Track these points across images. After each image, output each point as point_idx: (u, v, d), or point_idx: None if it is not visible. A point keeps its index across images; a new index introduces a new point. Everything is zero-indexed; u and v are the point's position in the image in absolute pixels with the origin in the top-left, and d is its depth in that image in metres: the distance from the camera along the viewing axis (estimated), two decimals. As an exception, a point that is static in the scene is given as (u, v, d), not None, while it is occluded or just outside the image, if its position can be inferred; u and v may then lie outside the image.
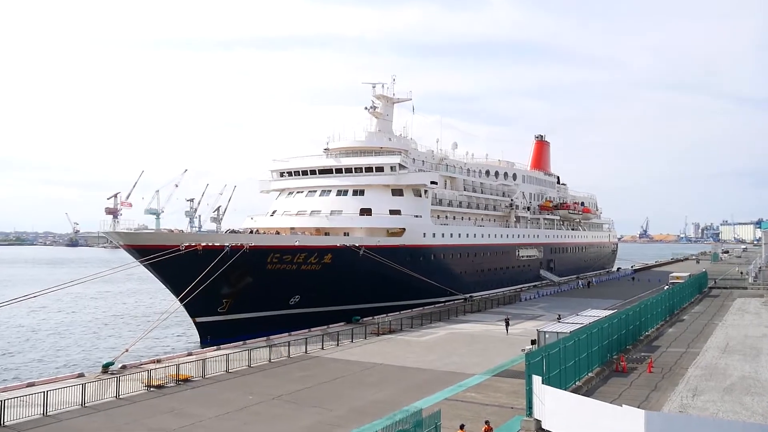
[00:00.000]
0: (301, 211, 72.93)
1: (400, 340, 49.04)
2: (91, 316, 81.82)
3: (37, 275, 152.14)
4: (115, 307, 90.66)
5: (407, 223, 70.83)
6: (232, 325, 56.49)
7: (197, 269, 50.51)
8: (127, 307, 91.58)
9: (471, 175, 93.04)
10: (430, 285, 69.30)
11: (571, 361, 31.90)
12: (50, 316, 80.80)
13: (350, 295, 63.67)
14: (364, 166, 73.50)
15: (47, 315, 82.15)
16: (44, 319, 78.72)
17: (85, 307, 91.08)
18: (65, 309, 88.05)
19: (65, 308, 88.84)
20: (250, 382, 35.56)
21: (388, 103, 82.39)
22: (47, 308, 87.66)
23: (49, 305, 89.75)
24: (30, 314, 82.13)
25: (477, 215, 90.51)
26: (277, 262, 57.56)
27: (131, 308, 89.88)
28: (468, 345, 47.02)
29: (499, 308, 69.08)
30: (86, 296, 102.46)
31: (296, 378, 36.39)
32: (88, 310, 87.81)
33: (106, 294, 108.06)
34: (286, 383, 35.12)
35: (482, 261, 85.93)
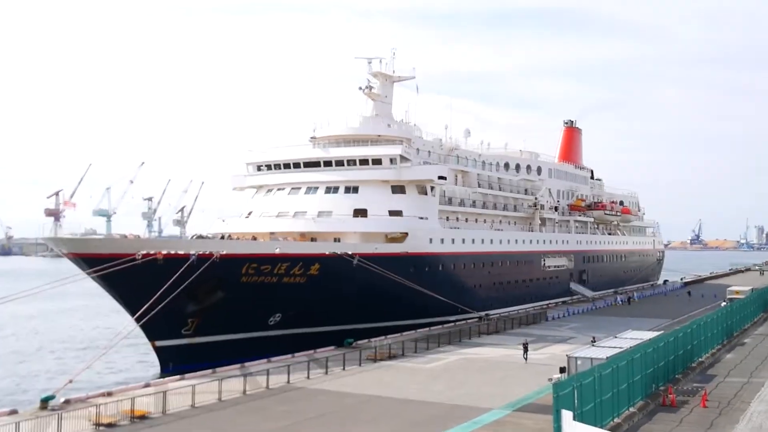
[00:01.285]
0: (282, 213, 72.95)
1: (402, 368, 48.96)
2: (28, 339, 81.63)
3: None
4: (56, 329, 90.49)
5: (410, 226, 70.85)
6: (199, 349, 56.36)
7: (157, 282, 50.41)
8: (71, 328, 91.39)
9: (487, 168, 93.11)
10: (437, 301, 69.31)
11: (609, 393, 31.87)
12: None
13: (342, 313, 63.60)
14: (358, 157, 73.54)
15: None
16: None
17: (19, 329, 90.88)
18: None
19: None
20: (220, 418, 35.43)
21: (387, 82, 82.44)
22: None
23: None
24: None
25: (494, 217, 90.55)
26: (253, 273, 57.51)
27: (76, 330, 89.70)
28: (483, 373, 46.93)
29: (521, 329, 69.01)
30: (21, 316, 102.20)
31: (277, 414, 36.27)
32: (24, 332, 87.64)
33: (45, 313, 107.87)
34: (264, 420, 35.01)
35: (500, 272, 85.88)
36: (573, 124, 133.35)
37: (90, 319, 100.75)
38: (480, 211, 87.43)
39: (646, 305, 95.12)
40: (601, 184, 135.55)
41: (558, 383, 28.17)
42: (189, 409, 37.17)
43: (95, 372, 57.64)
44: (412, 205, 73.21)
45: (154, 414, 35.92)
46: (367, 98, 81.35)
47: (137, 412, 35.33)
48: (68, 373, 56.56)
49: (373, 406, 37.84)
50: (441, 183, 75.44)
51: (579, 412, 27.67)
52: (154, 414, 35.91)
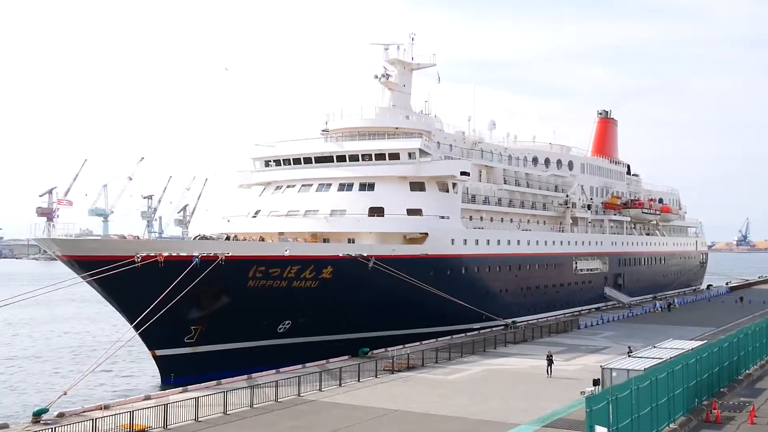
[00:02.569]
0: (292, 211, 73.15)
1: (422, 379, 48.97)
2: (19, 348, 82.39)
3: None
4: (50, 338, 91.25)
5: (430, 226, 70.85)
6: (202, 359, 56.68)
7: (157, 287, 50.75)
8: (65, 337, 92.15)
9: (514, 163, 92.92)
10: (460, 307, 69.24)
11: (647, 408, 31.73)
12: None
13: (356, 320, 63.75)
14: (374, 152, 73.64)
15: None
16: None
17: (10, 337, 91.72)
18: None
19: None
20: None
21: (405, 70, 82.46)
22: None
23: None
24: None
25: (521, 216, 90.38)
26: (261, 277, 57.73)
27: (71, 338, 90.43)
28: (510, 386, 46.84)
29: (551, 338, 68.84)
30: (11, 323, 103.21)
31: (286, 429, 36.37)
32: (15, 340, 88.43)
33: (37, 320, 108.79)
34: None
35: (528, 276, 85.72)
36: (607, 114, 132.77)
37: (86, 327, 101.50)
38: (506, 210, 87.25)
39: (687, 312, 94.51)
40: (638, 180, 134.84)
41: (591, 397, 28.07)
42: (192, 423, 37.32)
43: (91, 383, 58.03)
44: (433, 203, 73.14)
45: (155, 429, 36.11)
46: (384, 88, 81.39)
47: (136, 427, 35.54)
48: (62, 384, 57.02)
49: (390, 421, 37.84)
50: (464, 179, 75.32)
51: (614, 429, 27.56)
52: (154, 429, 36.10)
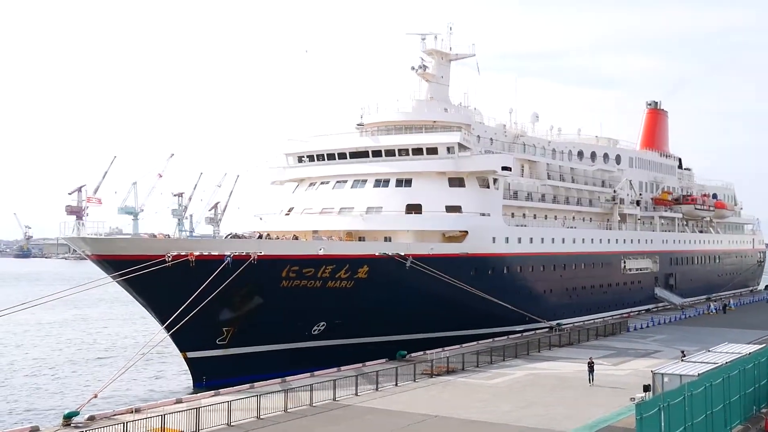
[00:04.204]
0: (326, 209, 73.34)
1: (462, 384, 48.89)
2: (49, 350, 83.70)
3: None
4: (80, 339, 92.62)
5: (471, 223, 70.62)
6: (235, 361, 57.11)
7: (188, 287, 51.22)
8: (96, 338, 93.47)
9: (558, 157, 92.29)
10: (502, 308, 69.02)
11: (701, 416, 31.41)
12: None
13: (393, 321, 63.76)
14: (411, 146, 73.54)
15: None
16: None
17: (40, 339, 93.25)
18: (14, 342, 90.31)
19: (14, 341, 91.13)
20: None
21: (443, 61, 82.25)
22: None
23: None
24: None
25: (566, 213, 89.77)
26: (294, 277, 58.01)
27: (102, 340, 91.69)
28: (555, 391, 46.58)
29: (598, 341, 68.45)
30: (41, 324, 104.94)
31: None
32: (45, 342, 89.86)
33: (68, 321, 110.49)
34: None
35: (574, 276, 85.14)
36: (657, 105, 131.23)
37: (116, 328, 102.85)
38: (550, 206, 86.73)
39: (744, 314, 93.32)
40: (690, 174, 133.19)
41: (642, 403, 27.83)
42: (224, 427, 37.63)
43: (122, 386, 58.74)
44: (473, 199, 72.88)
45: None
46: (421, 79, 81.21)
47: (168, 431, 35.92)
48: (93, 386, 57.83)
49: (429, 428, 37.80)
50: (505, 174, 74.94)
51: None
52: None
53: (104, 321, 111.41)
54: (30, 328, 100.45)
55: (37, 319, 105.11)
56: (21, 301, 50.60)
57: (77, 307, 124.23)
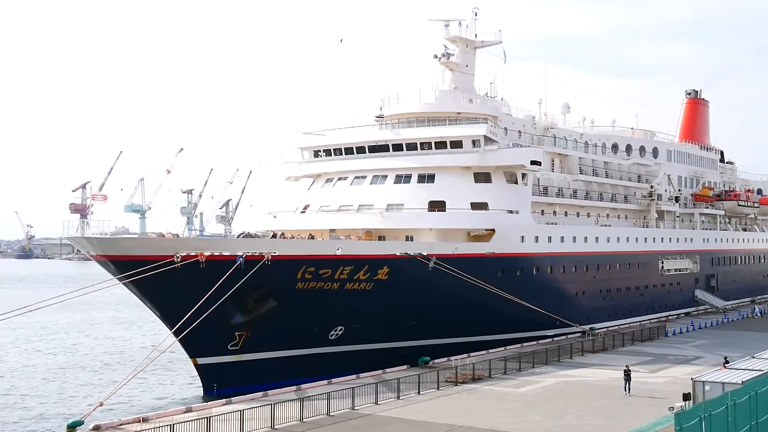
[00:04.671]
0: (344, 206, 73.42)
1: (489, 392, 48.86)
2: (52, 356, 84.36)
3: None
4: (84, 344, 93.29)
5: (497, 221, 70.47)
6: (247, 368, 57.32)
7: (198, 289, 51.43)
8: (101, 343, 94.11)
9: (591, 150, 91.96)
10: (531, 311, 68.84)
11: (745, 427, 31.20)
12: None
13: (416, 326, 63.81)
14: (433, 140, 73.46)
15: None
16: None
17: (43, 344, 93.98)
18: (15, 347, 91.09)
19: (16, 346, 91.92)
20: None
21: (467, 49, 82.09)
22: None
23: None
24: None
25: (600, 209, 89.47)
26: (311, 278, 58.11)
27: (107, 344, 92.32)
28: (588, 400, 46.43)
29: (634, 346, 68.24)
30: (44, 328, 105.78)
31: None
32: (48, 348, 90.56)
33: (71, 325, 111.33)
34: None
35: (608, 277, 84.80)
36: (697, 94, 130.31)
37: (123, 332, 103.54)
38: (582, 203, 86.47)
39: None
40: (733, 168, 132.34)
41: (681, 413, 27.66)
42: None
43: (129, 394, 59.14)
44: (500, 196, 72.70)
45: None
46: (444, 68, 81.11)
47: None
48: (98, 394, 58.23)
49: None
50: (534, 169, 74.70)
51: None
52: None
53: (110, 325, 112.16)
54: (32, 332, 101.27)
55: (40, 323, 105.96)
56: (23, 304, 50.98)
57: (82, 310, 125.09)
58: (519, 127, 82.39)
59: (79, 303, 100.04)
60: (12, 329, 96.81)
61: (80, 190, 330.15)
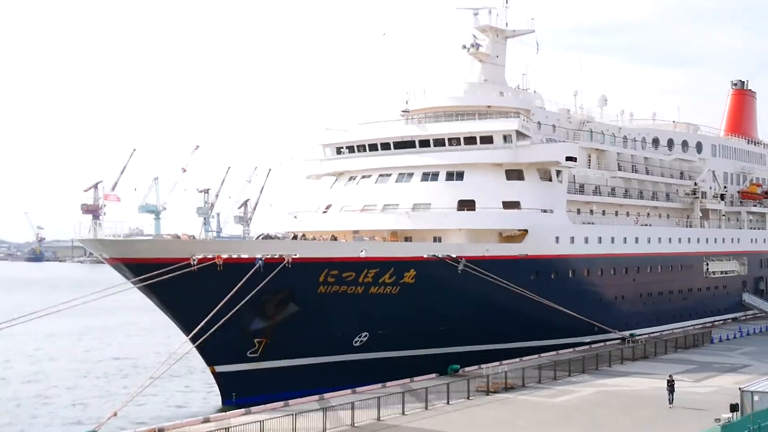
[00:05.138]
0: (368, 206, 73.45)
1: (523, 402, 48.82)
2: (65, 362, 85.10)
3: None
4: (98, 350, 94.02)
5: (531, 221, 70.31)
6: (268, 376, 57.52)
7: (216, 293, 51.70)
8: (115, 349, 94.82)
9: (630, 145, 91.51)
10: (566, 317, 68.77)
11: (797, 438, 30.86)
12: (4, 365, 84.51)
13: (444, 331, 63.79)
14: (462, 135, 73.35)
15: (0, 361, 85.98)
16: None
17: (55, 350, 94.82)
18: (26, 354, 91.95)
19: (27, 352, 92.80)
20: (295, 463, 36.12)
21: (498, 38, 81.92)
22: (0, 352, 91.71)
23: (3, 348, 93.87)
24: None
25: (640, 208, 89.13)
26: (333, 282, 58.23)
27: (121, 351, 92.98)
28: (629, 411, 46.30)
29: (677, 354, 68.12)
30: (56, 335, 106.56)
31: (364, 458, 36.70)
32: (61, 354, 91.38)
33: (85, 331, 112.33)
34: (349, 466, 35.47)
35: (649, 280, 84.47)
36: (744, 85, 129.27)
37: (138, 339, 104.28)
38: (621, 201, 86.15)
39: None
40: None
41: (728, 425, 27.50)
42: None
43: (144, 403, 59.53)
44: (533, 194, 72.53)
45: (215, 456, 36.86)
46: (474, 59, 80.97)
47: (194, 454, 36.31)
48: (112, 404, 58.60)
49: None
50: (570, 165, 74.46)
51: (757, 463, 26.91)
52: (214, 456, 36.84)
53: (124, 331, 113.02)
54: (43, 339, 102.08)
55: (51, 330, 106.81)
56: (34, 309, 51.44)
57: (94, 315, 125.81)
58: (553, 121, 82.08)
59: (92, 308, 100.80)
60: (20, 335, 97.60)
61: (92, 190, 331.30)
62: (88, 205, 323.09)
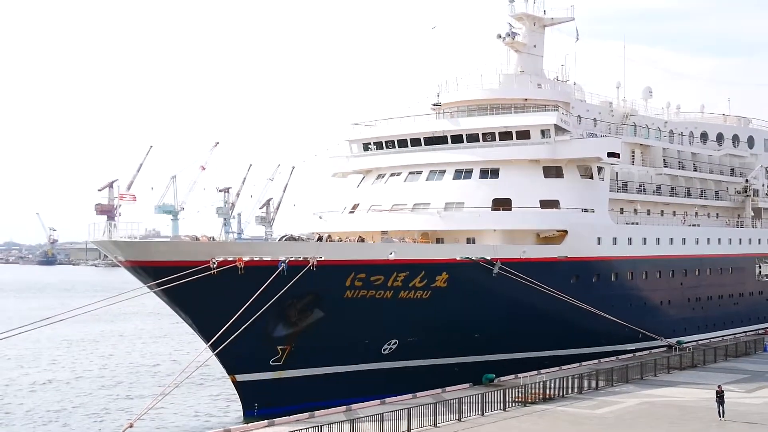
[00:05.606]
0: (398, 205, 73.46)
1: (562, 414, 48.69)
2: (80, 371, 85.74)
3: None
4: (113, 358, 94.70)
5: (570, 221, 70.09)
6: (292, 386, 57.73)
7: (237, 298, 51.89)
8: (132, 357, 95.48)
9: (676, 140, 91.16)
10: (609, 323, 68.56)
11: None
12: (17, 372, 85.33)
13: (478, 339, 63.77)
14: (497, 130, 73.19)
15: (12, 369, 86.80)
16: (8, 375, 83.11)
17: (69, 358, 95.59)
18: (41, 361, 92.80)
19: (41, 360, 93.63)
20: (321, 477, 36.18)
21: (535, 27, 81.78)
22: (13, 359, 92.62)
23: (16, 354, 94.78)
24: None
25: (687, 207, 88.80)
26: (361, 286, 58.31)
27: (138, 359, 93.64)
28: (676, 424, 46.08)
29: (728, 362, 67.79)
30: (70, 341, 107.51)
31: (394, 473, 36.69)
32: (75, 362, 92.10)
33: (99, 338, 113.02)
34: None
35: (697, 284, 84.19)
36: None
37: (155, 346, 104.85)
38: (667, 200, 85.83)
39: None
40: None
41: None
42: (280, 464, 38.09)
43: (161, 414, 59.87)
44: (573, 192, 72.29)
45: (236, 470, 36.98)
46: (509, 50, 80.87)
47: (215, 467, 36.45)
48: (127, 414, 59.01)
49: (523, 466, 37.67)
50: (612, 162, 74.12)
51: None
52: (235, 470, 36.97)
53: (140, 338, 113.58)
54: (56, 345, 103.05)
55: (64, 336, 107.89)
56: (46, 315, 51.85)
57: (109, 321, 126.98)
58: (594, 114, 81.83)
59: (107, 313, 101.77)
60: (33, 342, 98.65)
61: (107, 190, 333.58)
62: (103, 205, 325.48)
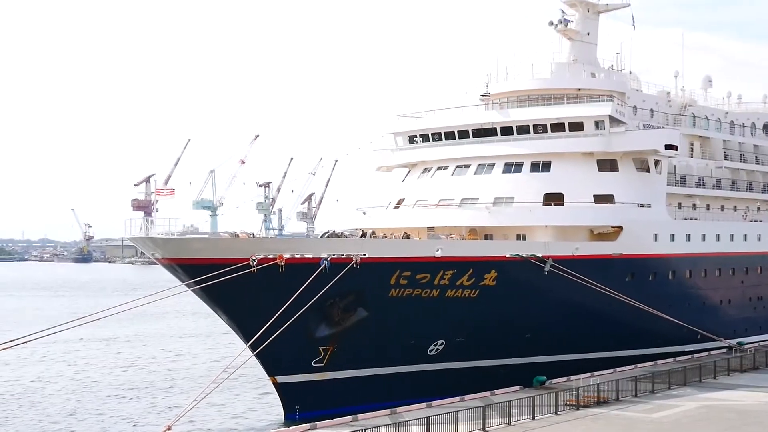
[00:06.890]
0: (444, 200, 73.47)
1: (616, 418, 48.51)
2: (116, 372, 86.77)
3: (29, 307, 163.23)
4: (150, 359, 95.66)
5: (626, 217, 69.73)
6: (334, 388, 58.02)
7: (277, 297, 52.28)
8: (169, 358, 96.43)
9: (738, 132, 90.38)
10: (666, 323, 68.35)
11: None
12: (54, 372, 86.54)
13: (529, 339, 63.76)
14: (549, 121, 72.96)
15: (48, 369, 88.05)
16: (45, 376, 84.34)
17: (105, 358, 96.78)
18: (76, 361, 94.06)
19: (76, 360, 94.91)
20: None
21: (589, 13, 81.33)
22: (49, 358, 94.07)
23: (52, 354, 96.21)
24: (22, 367, 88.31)
25: (749, 202, 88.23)
26: (406, 284, 58.46)
27: (176, 360, 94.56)
28: (736, 428, 45.88)
29: (793, 365, 66.86)
30: (106, 341, 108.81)
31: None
32: (111, 363, 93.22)
33: (137, 338, 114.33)
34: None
35: (759, 282, 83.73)
36: None
37: (193, 346, 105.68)
38: (728, 194, 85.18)
39: None
40: None
41: None
42: (323, 468, 38.33)
43: (200, 417, 60.36)
44: (629, 186, 71.92)
45: (278, 474, 37.29)
46: (562, 37, 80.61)
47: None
48: (165, 416, 59.58)
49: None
50: (670, 155, 73.64)
51: None
52: (277, 474, 37.28)
53: (178, 338, 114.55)
54: (92, 345, 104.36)
55: (101, 335, 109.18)
56: (81, 314, 52.54)
57: (146, 320, 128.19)
58: (651, 105, 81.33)
59: (144, 312, 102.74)
60: (65, 343, 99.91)
61: (143, 184, 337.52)
62: (140, 200, 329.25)
